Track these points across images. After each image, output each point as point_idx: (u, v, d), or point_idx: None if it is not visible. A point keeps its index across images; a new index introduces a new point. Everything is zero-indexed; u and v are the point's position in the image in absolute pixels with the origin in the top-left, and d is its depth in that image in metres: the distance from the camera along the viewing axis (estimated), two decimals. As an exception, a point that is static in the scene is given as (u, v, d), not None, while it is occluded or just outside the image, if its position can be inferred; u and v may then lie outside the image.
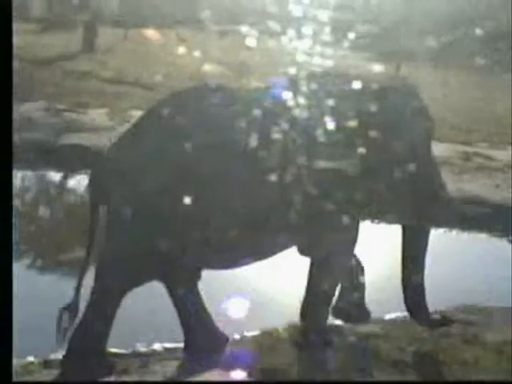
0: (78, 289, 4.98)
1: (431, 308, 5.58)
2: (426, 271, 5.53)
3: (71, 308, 4.92)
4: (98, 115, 12.10)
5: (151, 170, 4.85)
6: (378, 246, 6.86)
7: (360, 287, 5.86)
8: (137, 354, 5.26)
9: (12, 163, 3.85)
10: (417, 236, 5.55)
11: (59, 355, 4.97)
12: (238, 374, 4.80)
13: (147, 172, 4.85)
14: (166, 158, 4.85)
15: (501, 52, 20.73)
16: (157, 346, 5.41)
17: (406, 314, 5.75)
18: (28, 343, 4.70)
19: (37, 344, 4.98)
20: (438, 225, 6.41)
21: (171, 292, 5.25)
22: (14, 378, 3.92)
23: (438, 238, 6.25)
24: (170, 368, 5.02)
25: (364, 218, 5.46)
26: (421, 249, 5.55)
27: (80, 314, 4.95)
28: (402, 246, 5.57)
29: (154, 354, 5.29)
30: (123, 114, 12.31)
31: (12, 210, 3.88)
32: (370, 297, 5.93)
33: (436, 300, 5.65)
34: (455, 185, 8.67)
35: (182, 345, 5.31)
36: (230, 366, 4.87)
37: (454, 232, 8.33)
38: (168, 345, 5.41)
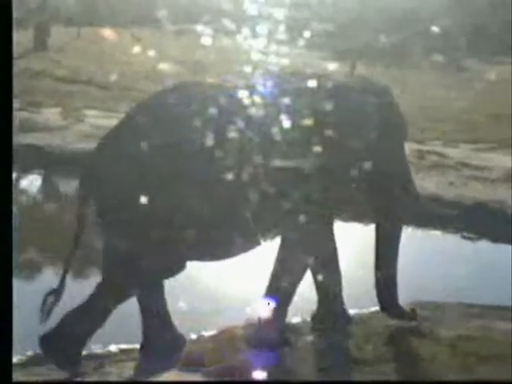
0: (63, 275, 5.05)
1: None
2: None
3: (56, 292, 5.00)
4: (51, 114, 11.95)
5: (115, 172, 4.94)
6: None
7: (338, 295, 5.83)
8: (92, 356, 5.20)
9: (12, 165, 3.81)
10: (390, 232, 5.63)
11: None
12: (196, 375, 4.78)
13: (113, 173, 4.96)
14: (126, 159, 4.92)
15: (458, 50, 20.96)
16: (112, 348, 5.36)
17: (362, 311, 5.81)
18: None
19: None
20: (408, 222, 6.51)
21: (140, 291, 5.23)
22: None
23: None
24: (125, 369, 4.98)
25: (328, 217, 5.48)
26: (394, 245, 5.64)
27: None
28: (375, 242, 5.65)
29: (109, 355, 5.24)
30: (77, 113, 12.19)
31: (12, 211, 3.83)
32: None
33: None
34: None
35: (137, 346, 5.27)
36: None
37: (410, 229, 8.40)
38: (124, 346, 5.36)
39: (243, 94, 5.02)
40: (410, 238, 8.34)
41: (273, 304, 5.33)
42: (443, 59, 19.08)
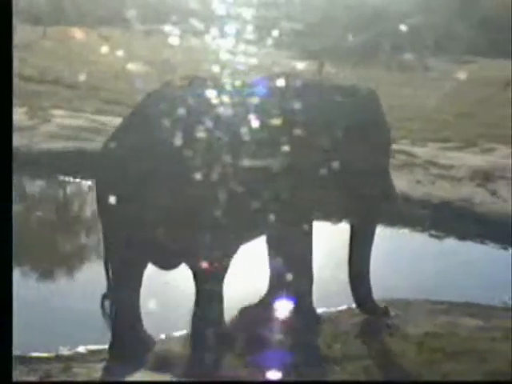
0: (108, 277, 5.13)
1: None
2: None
3: (109, 295, 5.11)
4: (18, 114, 11.83)
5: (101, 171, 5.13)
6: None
7: (308, 294, 5.85)
8: (60, 358, 5.16)
9: (12, 168, 3.78)
10: (365, 231, 5.75)
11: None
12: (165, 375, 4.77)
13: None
14: (104, 158, 5.11)
15: (426, 49, 21.10)
16: (81, 349, 5.32)
17: (329, 310, 5.83)
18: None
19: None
20: (386, 222, 6.67)
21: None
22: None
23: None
24: (93, 370, 4.94)
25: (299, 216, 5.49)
26: (368, 243, 5.76)
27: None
28: (349, 241, 5.75)
29: (77, 356, 5.20)
30: (44, 113, 12.08)
31: (12, 210, 3.79)
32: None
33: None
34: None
35: (106, 346, 5.23)
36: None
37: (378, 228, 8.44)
38: (92, 347, 5.32)
39: (211, 94, 5.01)
40: (379, 236, 8.38)
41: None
42: (411, 58, 19.21)
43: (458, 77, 14.96)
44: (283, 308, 5.69)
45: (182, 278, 5.42)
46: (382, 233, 8.44)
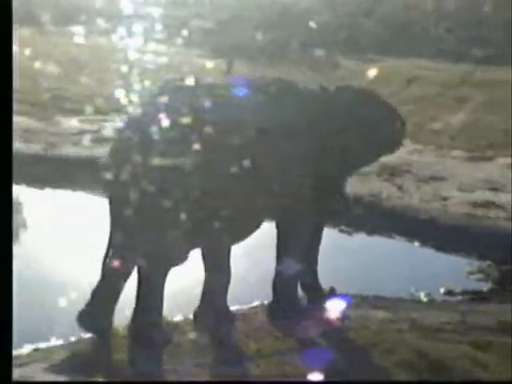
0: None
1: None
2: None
3: None
4: None
5: None
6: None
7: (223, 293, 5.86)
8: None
9: (12, 173, 3.67)
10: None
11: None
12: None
13: None
14: None
15: (335, 46, 21.36)
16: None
17: (242, 307, 5.94)
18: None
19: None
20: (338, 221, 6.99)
21: None
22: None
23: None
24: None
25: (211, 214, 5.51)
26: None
27: None
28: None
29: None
30: None
31: (12, 208, 3.68)
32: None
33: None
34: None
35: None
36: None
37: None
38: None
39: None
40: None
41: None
42: (321, 56, 19.43)
43: (367, 75, 15.24)
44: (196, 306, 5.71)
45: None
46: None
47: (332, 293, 6.24)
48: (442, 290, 6.93)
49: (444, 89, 17.06)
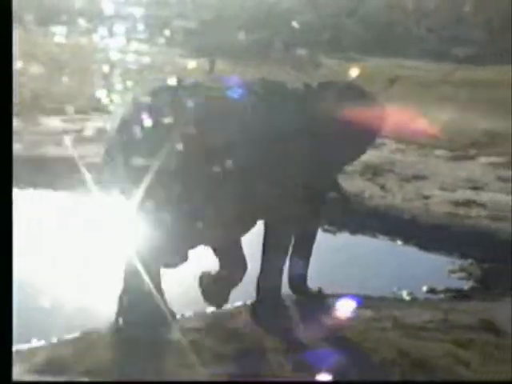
0: None
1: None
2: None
3: None
4: None
5: None
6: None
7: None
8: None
9: (12, 175, 3.64)
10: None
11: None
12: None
13: None
14: None
15: (319, 45, 21.41)
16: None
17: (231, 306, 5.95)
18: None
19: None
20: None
21: None
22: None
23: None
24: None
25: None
26: (310, 242, 6.12)
27: None
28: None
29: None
30: None
31: (12, 208, 3.65)
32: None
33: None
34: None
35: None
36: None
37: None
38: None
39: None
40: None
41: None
42: (303, 55, 19.47)
43: (350, 74, 15.27)
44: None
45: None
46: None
47: (320, 293, 6.24)
48: (424, 289, 6.96)
49: (426, 88, 17.16)
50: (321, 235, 8.38)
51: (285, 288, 6.15)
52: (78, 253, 6.42)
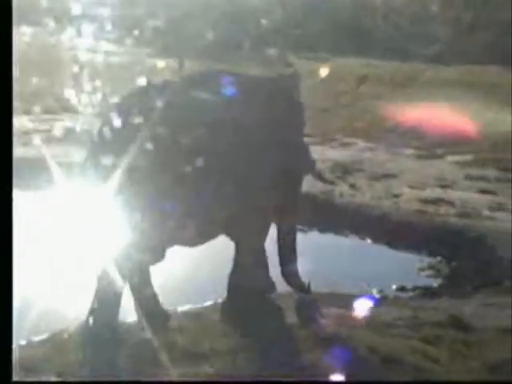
0: None
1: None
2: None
3: None
4: None
5: None
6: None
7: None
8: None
9: (12, 176, 3.59)
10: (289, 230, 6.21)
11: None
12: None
13: None
14: None
15: (288, 44, 21.44)
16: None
17: (195, 306, 5.94)
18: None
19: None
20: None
21: None
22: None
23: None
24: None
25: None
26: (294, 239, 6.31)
27: None
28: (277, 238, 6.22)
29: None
30: None
31: (12, 204, 3.61)
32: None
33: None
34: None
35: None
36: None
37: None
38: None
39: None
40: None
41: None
42: (273, 54, 19.49)
43: (319, 73, 15.33)
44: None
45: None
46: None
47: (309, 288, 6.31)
48: (393, 287, 7.02)
49: (394, 87, 17.28)
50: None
51: (285, 288, 6.25)
52: (47, 253, 6.37)
